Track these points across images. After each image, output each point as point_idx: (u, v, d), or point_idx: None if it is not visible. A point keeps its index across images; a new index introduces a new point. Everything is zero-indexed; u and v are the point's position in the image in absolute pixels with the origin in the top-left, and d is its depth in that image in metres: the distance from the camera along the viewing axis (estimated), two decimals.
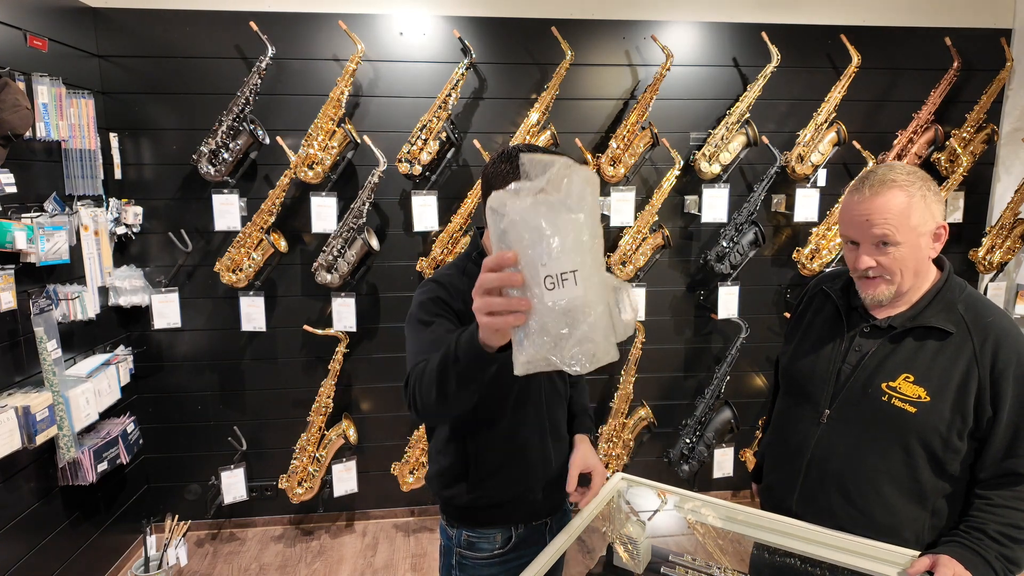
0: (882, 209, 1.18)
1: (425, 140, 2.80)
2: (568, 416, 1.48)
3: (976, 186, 3.26)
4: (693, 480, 3.23)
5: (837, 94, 3.01)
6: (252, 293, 2.90)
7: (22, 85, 2.19)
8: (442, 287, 1.29)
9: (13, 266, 2.16)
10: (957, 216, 3.24)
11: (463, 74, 2.80)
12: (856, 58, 2.97)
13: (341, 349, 2.96)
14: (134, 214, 2.81)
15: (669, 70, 2.87)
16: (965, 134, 3.10)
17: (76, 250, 2.52)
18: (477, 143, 2.92)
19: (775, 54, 2.93)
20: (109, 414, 2.70)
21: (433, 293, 1.28)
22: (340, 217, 2.86)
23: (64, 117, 2.42)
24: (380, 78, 2.91)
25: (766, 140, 2.99)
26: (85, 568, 2.60)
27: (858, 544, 1.15)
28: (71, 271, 2.50)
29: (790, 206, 3.15)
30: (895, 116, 3.15)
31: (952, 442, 1.18)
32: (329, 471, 3.04)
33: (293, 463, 2.98)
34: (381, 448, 3.18)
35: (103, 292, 2.71)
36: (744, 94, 2.98)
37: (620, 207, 2.98)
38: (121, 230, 2.79)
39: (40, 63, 2.35)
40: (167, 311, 2.87)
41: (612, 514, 1.35)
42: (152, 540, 2.63)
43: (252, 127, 2.74)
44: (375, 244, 2.89)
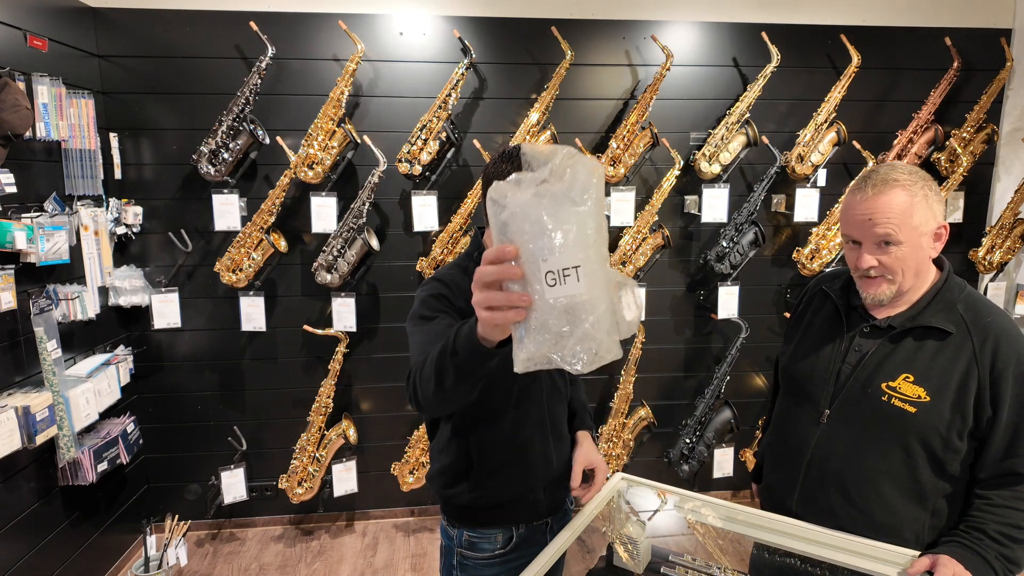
0: (884, 208, 1.18)
1: (425, 140, 2.80)
2: (568, 413, 1.48)
3: (976, 186, 3.26)
4: (693, 480, 3.23)
5: (837, 94, 3.01)
6: (252, 293, 2.90)
7: (22, 85, 2.19)
8: (444, 284, 1.29)
9: (13, 266, 2.16)
10: (957, 216, 3.24)
11: (463, 74, 2.80)
12: (856, 58, 2.97)
13: (341, 349, 2.96)
14: (134, 214, 2.81)
15: (669, 70, 2.87)
16: (965, 134, 3.10)
17: (76, 250, 2.52)
18: (477, 143, 2.92)
19: (775, 54, 2.93)
20: (109, 414, 2.70)
21: (436, 290, 1.28)
22: (340, 217, 2.86)
23: (64, 117, 2.42)
24: (380, 78, 2.91)
25: (766, 140, 2.99)
26: (85, 568, 2.60)
27: (858, 544, 1.15)
28: (71, 271, 2.50)
29: (790, 206, 3.15)
30: (895, 116, 3.15)
31: (952, 442, 1.18)
32: (329, 471, 3.04)
33: (293, 463, 2.98)
34: (381, 448, 3.18)
35: (103, 292, 2.71)
36: (744, 94, 2.98)
37: (620, 207, 2.99)
38: (121, 230, 2.79)
39: (40, 63, 2.35)
40: (167, 311, 2.87)
41: (612, 514, 1.35)
42: (152, 540, 2.63)
43: (252, 127, 2.73)
44: (375, 244, 2.89)
